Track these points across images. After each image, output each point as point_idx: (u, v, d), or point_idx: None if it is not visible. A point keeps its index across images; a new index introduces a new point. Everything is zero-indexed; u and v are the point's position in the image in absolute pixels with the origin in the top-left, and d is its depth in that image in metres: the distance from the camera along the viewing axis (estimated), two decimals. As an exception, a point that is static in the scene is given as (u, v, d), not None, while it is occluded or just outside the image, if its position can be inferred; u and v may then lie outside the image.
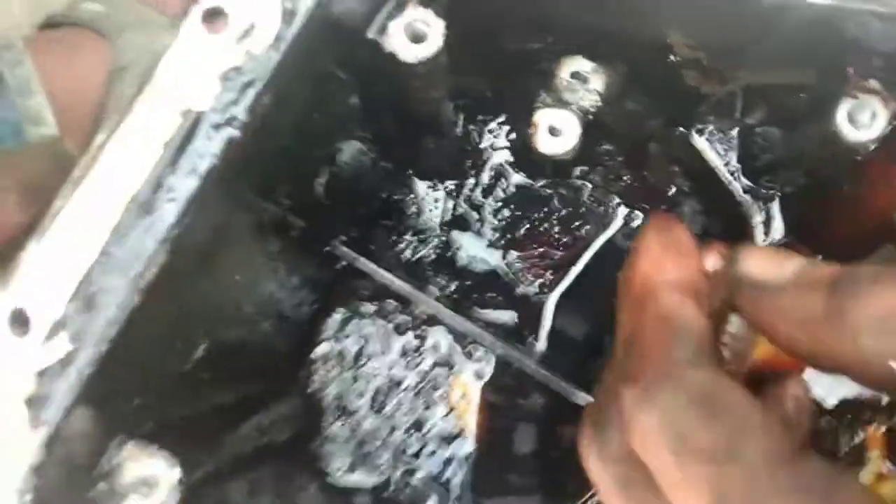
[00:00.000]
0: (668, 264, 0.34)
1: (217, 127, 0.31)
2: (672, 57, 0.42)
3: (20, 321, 0.31)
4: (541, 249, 0.66)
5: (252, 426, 0.53)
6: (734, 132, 0.48)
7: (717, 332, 0.34)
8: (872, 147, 0.38)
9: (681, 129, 0.50)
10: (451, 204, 0.64)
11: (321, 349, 0.64)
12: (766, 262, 0.31)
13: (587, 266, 0.65)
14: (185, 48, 0.32)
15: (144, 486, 0.35)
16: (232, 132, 0.31)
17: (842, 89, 0.38)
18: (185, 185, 0.31)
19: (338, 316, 0.64)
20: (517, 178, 0.64)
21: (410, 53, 0.38)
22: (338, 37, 0.37)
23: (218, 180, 0.32)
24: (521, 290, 0.64)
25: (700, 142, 0.49)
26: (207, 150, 0.31)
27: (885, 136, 0.39)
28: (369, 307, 0.64)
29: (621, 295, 0.38)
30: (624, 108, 0.52)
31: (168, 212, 0.31)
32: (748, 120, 0.47)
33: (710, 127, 0.49)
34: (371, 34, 0.38)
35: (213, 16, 0.33)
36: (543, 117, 0.56)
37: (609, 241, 0.64)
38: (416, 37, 0.38)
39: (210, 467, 0.42)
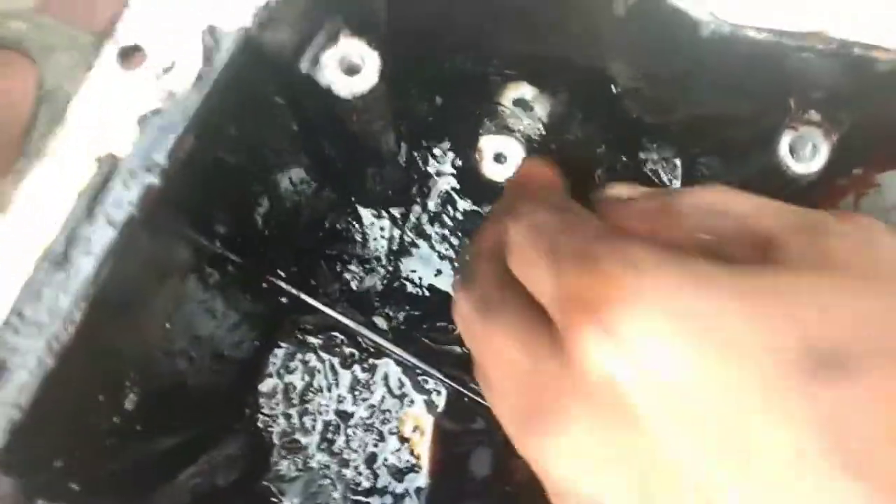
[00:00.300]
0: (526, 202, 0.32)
1: (135, 174, 0.29)
2: (614, 87, 0.41)
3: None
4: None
5: (193, 472, 0.50)
6: (678, 161, 0.48)
7: None
8: (814, 179, 0.38)
9: (624, 157, 0.49)
10: (397, 232, 0.63)
11: (265, 386, 0.61)
12: (625, 187, 0.34)
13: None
14: (100, 88, 0.30)
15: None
16: (151, 179, 0.29)
17: (783, 121, 0.37)
18: (101, 237, 0.29)
19: (281, 351, 0.61)
20: (464, 204, 0.63)
21: (346, 88, 0.36)
22: (270, 69, 0.35)
23: (140, 227, 0.30)
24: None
25: (645, 170, 0.49)
26: (125, 198, 0.29)
27: (827, 168, 0.39)
28: (314, 340, 0.62)
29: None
30: (568, 136, 0.51)
31: (84, 266, 0.29)
32: (692, 149, 0.47)
33: (654, 155, 0.48)
34: (304, 68, 0.37)
35: (130, 53, 0.31)
36: (488, 144, 0.55)
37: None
38: (350, 69, 0.37)
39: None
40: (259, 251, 0.54)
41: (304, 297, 0.54)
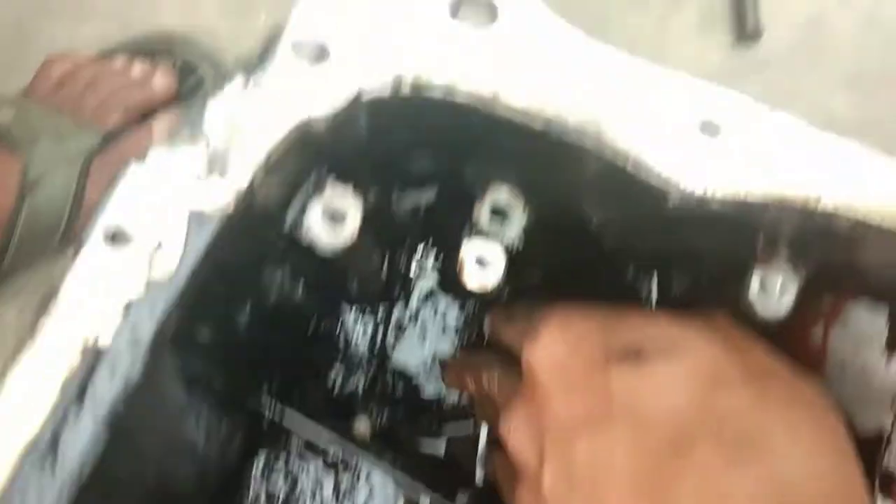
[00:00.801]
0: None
1: (118, 364, 0.30)
2: (588, 223, 0.42)
3: None
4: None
5: None
6: (654, 275, 0.49)
7: None
8: (783, 318, 0.39)
9: (601, 272, 0.50)
10: (380, 333, 0.63)
11: (249, 493, 0.61)
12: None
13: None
14: (84, 274, 0.31)
15: None
16: (134, 371, 0.30)
17: (752, 266, 0.39)
18: (84, 430, 0.29)
19: (264, 455, 0.62)
20: (446, 303, 0.64)
21: (329, 242, 0.37)
22: (251, 236, 0.36)
23: (119, 419, 0.31)
24: (452, 420, 0.63)
25: (624, 285, 0.50)
26: (107, 392, 0.29)
27: (793, 309, 0.40)
28: (298, 442, 0.63)
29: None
30: (545, 248, 0.53)
31: (69, 457, 0.29)
32: (665, 273, 0.48)
33: (631, 269, 0.50)
34: (290, 218, 0.38)
35: (118, 235, 0.31)
36: (469, 251, 0.56)
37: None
38: (335, 216, 0.38)
39: None
40: (243, 365, 0.54)
41: (289, 412, 0.54)
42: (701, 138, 0.33)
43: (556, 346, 0.38)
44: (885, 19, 0.68)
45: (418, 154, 0.47)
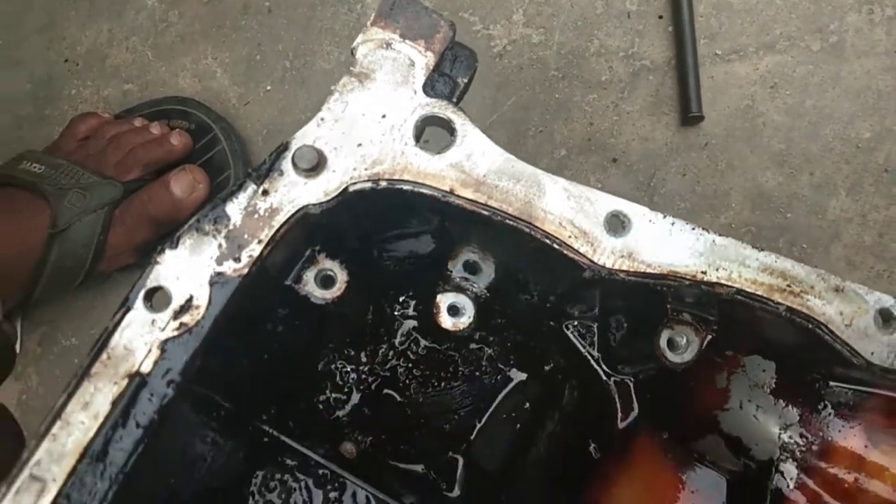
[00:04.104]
0: None
1: (157, 387, 0.39)
2: (532, 291, 0.52)
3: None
4: (450, 403, 0.75)
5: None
6: (594, 327, 0.59)
7: None
8: (689, 366, 0.48)
9: (552, 322, 0.60)
10: (366, 367, 0.72)
11: (248, 506, 0.70)
12: None
13: (490, 416, 0.74)
14: (132, 321, 0.40)
15: None
16: (167, 392, 0.39)
17: (663, 322, 0.48)
18: (130, 436, 0.39)
19: (261, 473, 0.70)
20: (425, 342, 0.73)
21: (321, 297, 0.47)
22: (261, 289, 0.45)
23: (157, 426, 0.40)
24: (433, 440, 0.72)
25: (568, 332, 0.59)
26: (149, 408, 0.39)
27: (703, 352, 0.49)
28: (291, 462, 0.71)
29: None
30: (508, 299, 0.62)
31: (118, 458, 0.38)
32: (608, 320, 0.57)
33: (575, 322, 0.59)
34: (289, 282, 0.47)
35: (154, 293, 0.41)
36: (444, 299, 0.65)
37: (505, 396, 0.73)
38: (325, 283, 0.47)
39: None
40: (244, 396, 0.63)
41: (282, 438, 0.63)
42: (610, 226, 0.43)
43: None
44: (807, 109, 0.78)
45: (392, 226, 0.56)
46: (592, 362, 0.60)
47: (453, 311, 0.65)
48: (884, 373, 0.43)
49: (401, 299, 0.73)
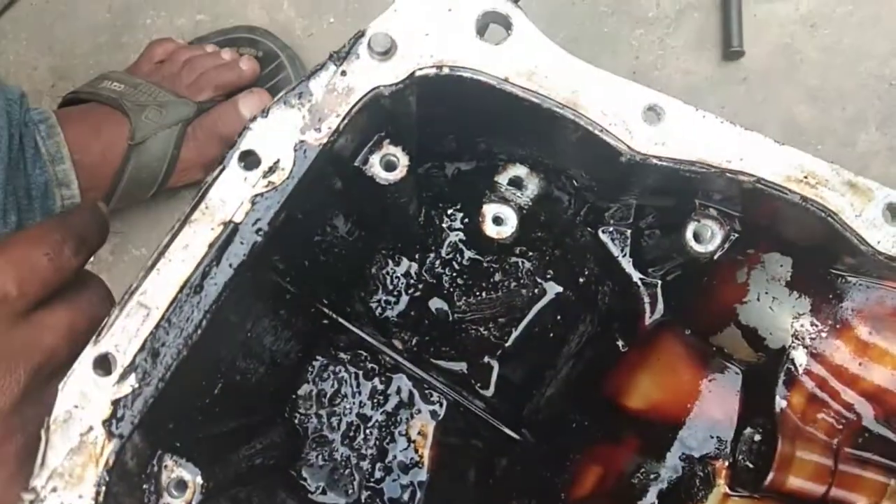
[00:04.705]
0: None
1: (246, 234, 0.45)
2: (575, 182, 0.57)
3: (104, 365, 0.45)
4: (489, 312, 0.81)
5: (248, 449, 0.66)
6: (628, 233, 0.64)
7: None
8: (712, 256, 0.53)
9: (589, 229, 0.65)
10: (415, 273, 0.79)
11: (303, 390, 0.77)
12: None
13: (525, 326, 0.80)
14: (227, 179, 0.47)
15: (178, 487, 0.49)
16: (256, 238, 0.46)
17: (690, 215, 0.53)
18: (223, 273, 0.45)
19: (317, 363, 0.77)
20: (469, 253, 0.79)
21: (384, 178, 0.53)
22: (336, 164, 0.51)
23: (246, 268, 0.46)
24: (471, 345, 0.78)
25: (604, 238, 0.65)
26: (240, 251, 0.45)
27: (728, 248, 0.54)
28: (344, 356, 0.78)
29: None
30: (550, 209, 0.67)
31: (211, 292, 0.45)
32: (640, 224, 0.63)
33: (611, 228, 0.64)
34: (357, 163, 0.53)
35: (247, 156, 0.47)
36: (489, 209, 0.71)
37: (541, 308, 0.79)
38: (389, 166, 0.53)
39: (220, 478, 0.55)
40: (308, 285, 0.70)
41: (340, 320, 0.70)
42: (647, 117, 0.48)
43: None
44: (844, 47, 0.82)
45: (450, 130, 0.62)
46: (624, 265, 0.66)
47: (498, 220, 0.70)
48: (888, 260, 0.47)
49: (449, 212, 0.79)
